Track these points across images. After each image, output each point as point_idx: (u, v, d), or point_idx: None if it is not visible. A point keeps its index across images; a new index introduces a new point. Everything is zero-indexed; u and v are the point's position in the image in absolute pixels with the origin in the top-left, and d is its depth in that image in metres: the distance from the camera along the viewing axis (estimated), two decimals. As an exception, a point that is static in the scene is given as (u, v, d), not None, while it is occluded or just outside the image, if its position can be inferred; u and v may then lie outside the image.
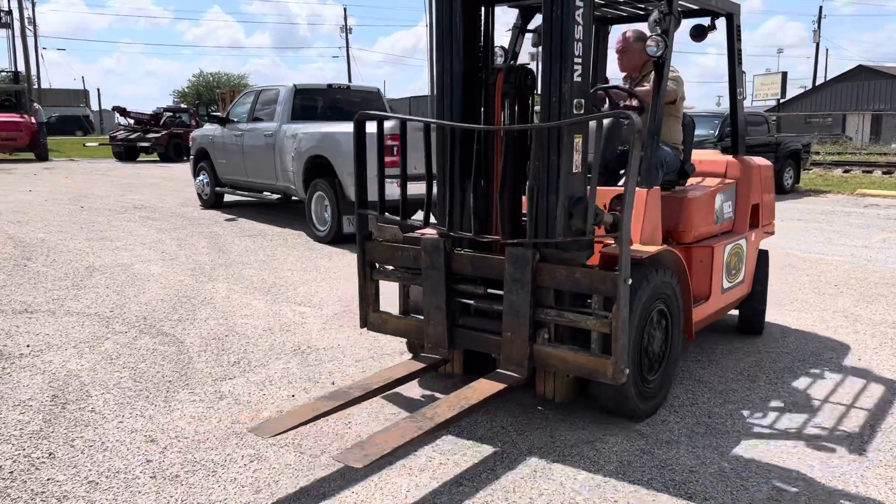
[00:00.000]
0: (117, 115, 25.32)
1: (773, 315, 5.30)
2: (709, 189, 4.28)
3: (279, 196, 9.45)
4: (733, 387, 3.89)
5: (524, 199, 3.44)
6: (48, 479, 2.83)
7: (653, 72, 3.83)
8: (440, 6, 3.44)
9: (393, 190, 7.36)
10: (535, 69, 3.44)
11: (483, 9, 3.54)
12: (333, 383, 3.86)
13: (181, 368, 4.06)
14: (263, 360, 4.21)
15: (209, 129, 11.01)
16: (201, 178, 11.19)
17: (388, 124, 7.60)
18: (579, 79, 3.13)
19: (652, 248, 3.35)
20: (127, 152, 23.68)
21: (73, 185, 15.03)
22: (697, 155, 4.62)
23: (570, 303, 3.24)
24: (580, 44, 3.11)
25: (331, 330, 4.82)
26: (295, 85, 9.38)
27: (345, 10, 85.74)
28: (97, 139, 42.01)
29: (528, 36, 4.15)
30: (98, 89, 76.01)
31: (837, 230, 9.62)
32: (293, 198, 9.37)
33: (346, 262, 7.07)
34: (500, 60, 3.73)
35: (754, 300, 4.77)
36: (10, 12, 29.62)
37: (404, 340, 4.13)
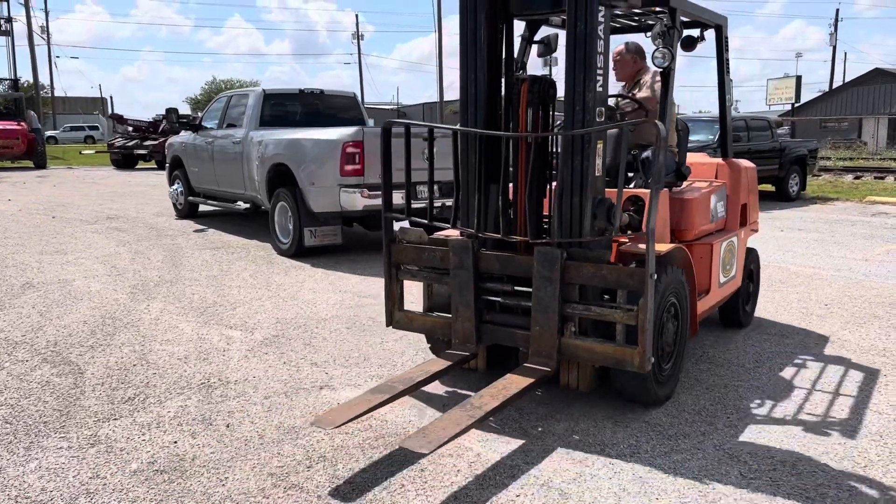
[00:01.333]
0: (115, 122, 25.11)
1: (751, 340, 4.79)
2: (704, 190, 4.46)
3: (247, 206, 9.03)
4: (731, 381, 4.10)
5: (545, 201, 3.69)
6: None
7: (643, 80, 4.40)
8: (464, 22, 3.66)
9: (353, 200, 7.00)
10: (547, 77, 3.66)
11: (504, 23, 3.76)
12: (228, 426, 3.39)
13: (66, 406, 3.61)
14: (162, 396, 3.76)
15: (184, 136, 10.62)
16: (175, 187, 10.80)
17: (348, 131, 7.21)
18: (601, 88, 3.39)
19: (666, 246, 3.57)
20: (125, 160, 23.45)
21: (58, 194, 14.74)
22: (690, 158, 4.86)
23: (592, 298, 3.45)
24: (601, 56, 3.36)
25: (252, 359, 4.37)
26: (264, 90, 8.97)
27: (356, 16, 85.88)
28: (95, 147, 42.03)
29: (535, 47, 4.26)
30: (111, 97, 75.98)
31: (839, 241, 9.05)
32: (262, 207, 8.95)
33: (302, 278, 6.62)
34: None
35: (741, 295, 4.99)
36: (10, 19, 29.59)
37: (328, 367, 4.03)
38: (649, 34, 3.94)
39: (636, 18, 4.49)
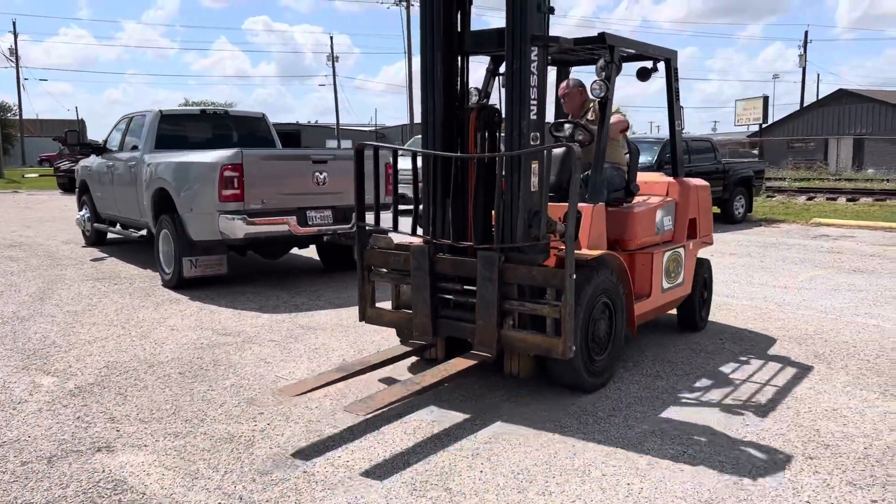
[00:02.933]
0: (60, 144, 24.46)
1: (698, 340, 4.35)
2: (650, 205, 5.02)
3: (142, 234, 8.51)
4: (668, 369, 4.73)
5: (493, 213, 4.18)
6: None
7: (591, 110, 4.95)
8: (424, 57, 4.17)
9: (233, 227, 6.50)
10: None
11: (459, 58, 4.26)
12: (-49, 503, 2.87)
13: None
14: None
15: (91, 159, 10.08)
16: (83, 213, 10.24)
17: (226, 153, 6.72)
18: (535, 116, 3.90)
19: (595, 252, 4.14)
20: (70, 183, 22.79)
21: None
22: (644, 177, 5.54)
23: (530, 296, 3.97)
24: (535, 89, 3.87)
25: (45, 413, 3.84)
26: (161, 110, 8.47)
27: (331, 38, 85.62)
28: (40, 170, 41.32)
29: (500, 78, 4.59)
30: (81, 120, 75.22)
31: (767, 266, 8.67)
32: (158, 235, 8.42)
33: (169, 313, 6.09)
34: (475, 98, 4.42)
35: (694, 301, 5.52)
36: None
37: (125, 423, 3.55)
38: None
39: (588, 53, 4.94)
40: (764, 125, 45.20)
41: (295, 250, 8.97)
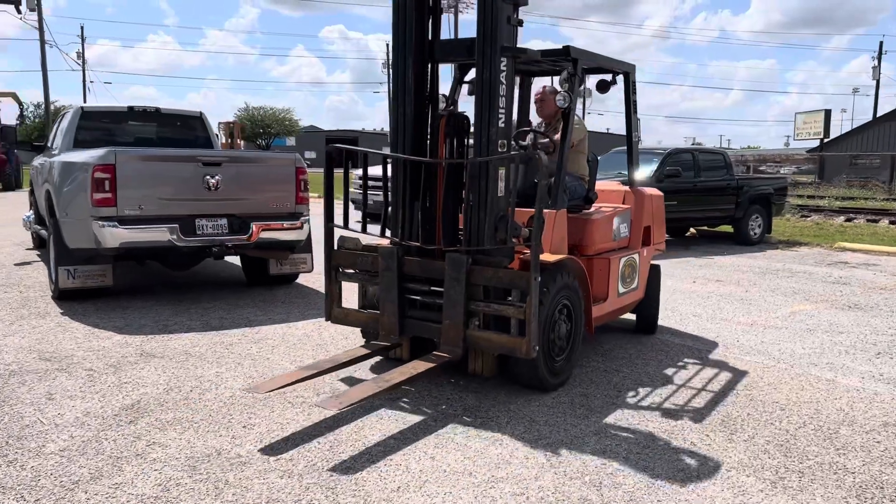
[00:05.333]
0: None
1: (650, 342, 3.44)
2: (608, 213, 5.21)
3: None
4: (620, 369, 4.92)
5: (461, 216, 4.31)
6: None
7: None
8: (395, 65, 4.30)
9: (105, 234, 5.82)
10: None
11: (430, 66, 4.38)
12: None
13: None
14: None
15: (39, 158, 9.62)
16: (28, 214, 9.78)
17: (97, 153, 6.03)
18: (503, 124, 4.04)
19: (557, 256, 4.26)
20: None
21: None
22: (601, 185, 5.71)
23: (495, 297, 4.07)
24: (503, 98, 4.02)
25: None
26: (82, 107, 7.92)
27: (387, 45, 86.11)
28: None
29: (466, 85, 5.01)
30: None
31: (748, 298, 7.54)
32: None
33: (19, 329, 5.43)
34: (442, 105, 4.54)
35: (648, 305, 5.72)
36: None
37: None
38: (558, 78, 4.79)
39: (552, 64, 5.04)
40: (826, 140, 42.81)
41: (235, 260, 8.29)
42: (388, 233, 4.49)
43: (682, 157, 11.85)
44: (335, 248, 4.58)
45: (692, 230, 13.74)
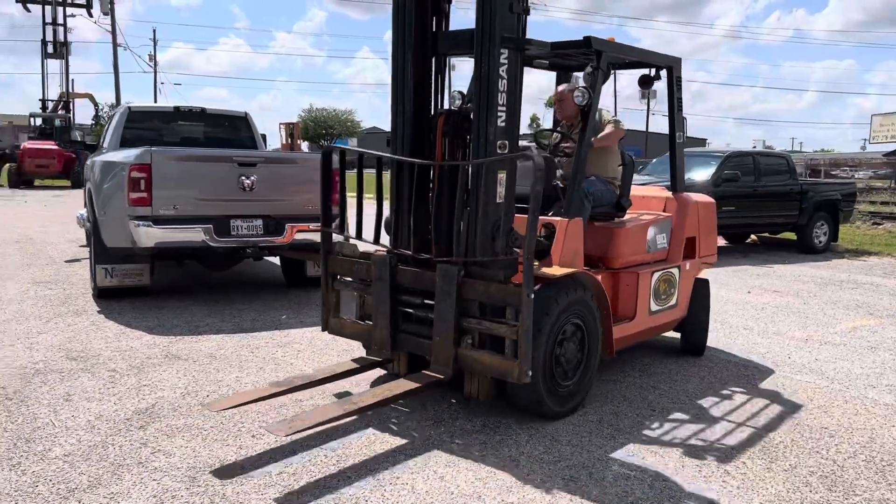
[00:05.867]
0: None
1: (691, 366, 3.25)
2: (641, 222, 4.78)
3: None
4: (658, 386, 4.58)
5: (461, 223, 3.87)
6: None
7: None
8: (394, 58, 3.97)
9: (141, 234, 5.84)
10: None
11: (434, 60, 4.05)
12: None
13: None
14: None
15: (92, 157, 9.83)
16: (82, 211, 10.00)
17: (134, 152, 6.07)
18: (503, 123, 3.66)
19: (565, 270, 3.78)
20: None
21: (15, 213, 14.51)
22: (641, 191, 5.33)
23: (492, 314, 3.66)
24: (504, 94, 3.64)
25: None
26: (129, 106, 8.03)
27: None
28: None
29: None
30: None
31: (805, 311, 7.11)
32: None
33: (54, 327, 5.48)
34: (458, 102, 4.27)
35: (692, 325, 5.18)
36: (65, 43, 30.69)
37: None
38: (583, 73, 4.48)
39: (583, 59, 4.69)
40: (904, 144, 40.86)
41: (277, 261, 8.28)
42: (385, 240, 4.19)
43: (742, 161, 11.34)
44: (331, 253, 4.33)
45: (753, 237, 13.17)
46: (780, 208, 11.53)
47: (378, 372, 4.32)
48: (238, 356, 4.90)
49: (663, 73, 4.90)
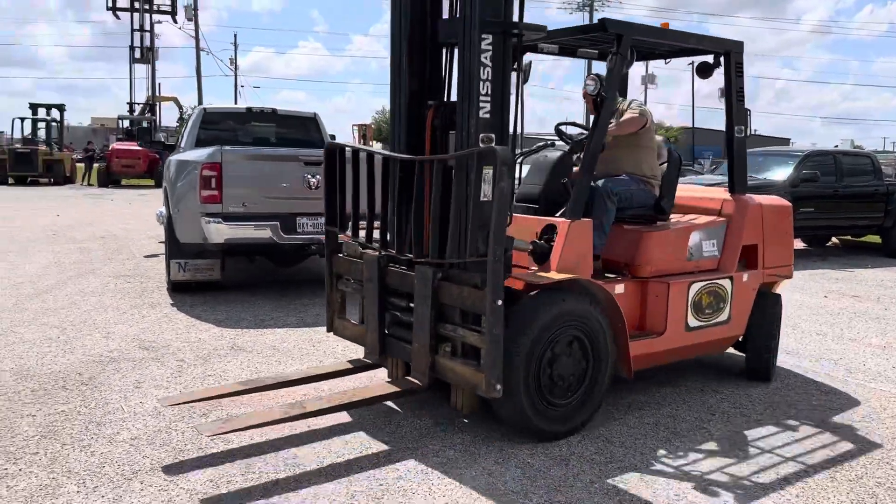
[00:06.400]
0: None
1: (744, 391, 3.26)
2: (680, 226, 4.34)
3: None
4: (719, 389, 4.45)
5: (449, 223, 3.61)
6: None
7: (620, 109, 4.32)
8: (393, 47, 3.74)
9: (212, 230, 6.06)
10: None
11: (433, 48, 3.78)
12: None
13: None
14: None
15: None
16: (162, 209, 10.43)
17: (206, 152, 6.29)
18: (487, 115, 3.40)
19: (554, 276, 3.51)
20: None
21: (102, 211, 15.19)
22: (699, 192, 4.94)
23: (474, 321, 3.36)
24: (488, 84, 3.38)
25: None
26: (205, 108, 8.32)
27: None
28: None
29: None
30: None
31: (887, 316, 6.77)
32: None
33: (129, 318, 5.75)
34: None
35: (753, 345, 4.59)
36: (151, 49, 32.03)
37: None
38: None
39: (600, 44, 4.38)
40: None
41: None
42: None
43: (823, 160, 10.90)
44: (336, 252, 4.20)
45: (834, 239, 12.64)
46: (864, 210, 11.03)
47: (382, 373, 4.22)
48: (300, 349, 5.03)
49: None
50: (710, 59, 4.39)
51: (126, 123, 27.98)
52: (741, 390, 4.43)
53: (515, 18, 3.47)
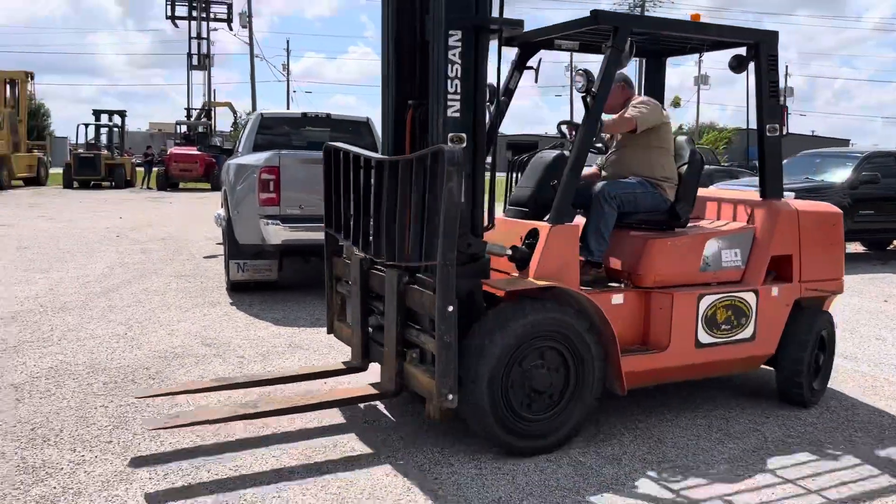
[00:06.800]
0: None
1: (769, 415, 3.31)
2: (695, 233, 4.05)
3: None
4: (761, 403, 4.21)
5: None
6: None
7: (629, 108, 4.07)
8: (383, 47, 3.67)
9: (270, 232, 6.25)
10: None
11: (424, 49, 3.59)
12: None
13: None
14: None
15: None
16: (219, 211, 10.73)
17: (264, 156, 6.49)
18: (457, 114, 3.32)
19: (529, 284, 3.35)
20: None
21: (162, 213, 15.66)
22: (730, 195, 4.61)
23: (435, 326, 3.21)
24: (457, 81, 3.30)
25: (-72, 409, 3.78)
26: (262, 113, 8.55)
27: (571, 56, 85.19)
28: None
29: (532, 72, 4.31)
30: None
31: (951, 322, 6.59)
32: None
33: (192, 316, 5.97)
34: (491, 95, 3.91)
35: (786, 366, 4.13)
36: (208, 56, 32.89)
37: None
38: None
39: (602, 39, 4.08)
40: None
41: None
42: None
43: (884, 162, 10.62)
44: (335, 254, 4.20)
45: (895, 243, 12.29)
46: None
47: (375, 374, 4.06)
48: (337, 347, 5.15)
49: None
50: (744, 52, 4.13)
51: (184, 129, 28.81)
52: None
53: (496, 13, 3.39)
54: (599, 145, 4.27)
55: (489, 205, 3.51)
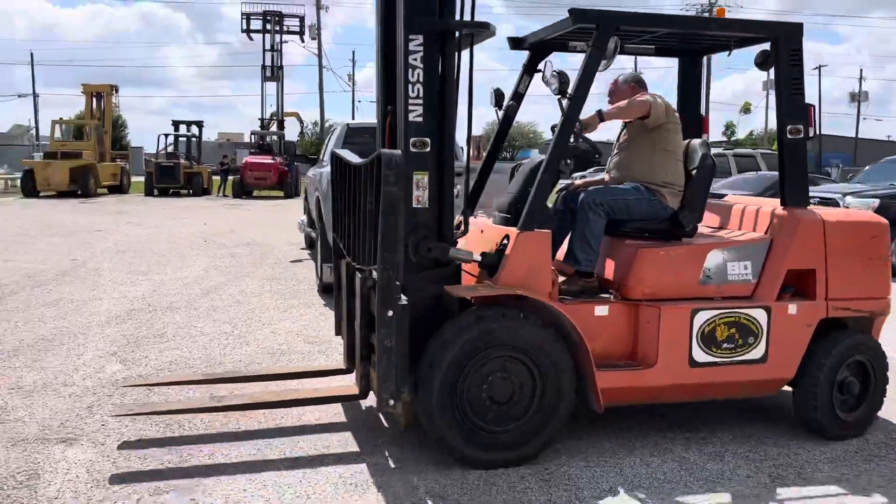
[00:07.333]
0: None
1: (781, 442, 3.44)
2: (696, 243, 3.77)
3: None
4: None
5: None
6: None
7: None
8: (376, 53, 3.66)
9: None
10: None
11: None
12: None
13: None
14: None
15: (313, 169, 10.94)
16: (302, 218, 11.15)
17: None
18: (419, 119, 3.32)
19: (487, 291, 3.30)
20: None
21: (241, 220, 16.22)
22: (751, 202, 4.25)
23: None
24: (418, 86, 3.31)
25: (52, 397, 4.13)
26: (348, 123, 8.88)
27: (635, 59, 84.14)
28: None
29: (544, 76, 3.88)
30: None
31: None
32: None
33: (291, 316, 6.29)
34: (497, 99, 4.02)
35: (803, 391, 3.73)
36: (280, 67, 33.87)
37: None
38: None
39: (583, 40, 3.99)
40: None
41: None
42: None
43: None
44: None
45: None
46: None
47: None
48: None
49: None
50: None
51: (256, 138, 29.74)
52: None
53: (468, 17, 3.33)
54: (586, 147, 3.81)
55: (464, 210, 3.53)
